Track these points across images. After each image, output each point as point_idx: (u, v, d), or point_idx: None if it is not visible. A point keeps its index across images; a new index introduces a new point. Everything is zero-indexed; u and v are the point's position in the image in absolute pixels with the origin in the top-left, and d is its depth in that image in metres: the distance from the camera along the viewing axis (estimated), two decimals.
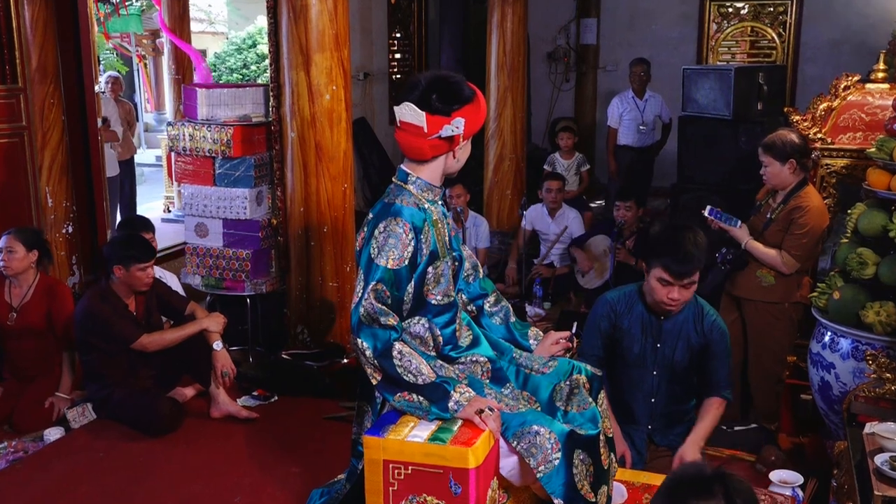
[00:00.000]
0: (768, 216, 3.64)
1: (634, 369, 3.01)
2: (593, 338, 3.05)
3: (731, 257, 3.64)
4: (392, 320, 2.31)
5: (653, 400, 3.02)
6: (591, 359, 2.97)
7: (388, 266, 2.31)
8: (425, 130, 2.32)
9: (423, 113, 2.31)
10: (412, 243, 2.34)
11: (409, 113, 2.33)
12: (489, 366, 2.52)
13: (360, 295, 2.32)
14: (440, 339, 2.47)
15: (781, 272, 3.57)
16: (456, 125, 2.32)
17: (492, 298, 2.73)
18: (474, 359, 2.52)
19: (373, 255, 2.32)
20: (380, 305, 2.30)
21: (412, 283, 2.38)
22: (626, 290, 3.06)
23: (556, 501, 2.24)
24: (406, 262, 2.33)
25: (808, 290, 3.66)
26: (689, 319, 2.97)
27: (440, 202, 2.52)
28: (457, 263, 2.58)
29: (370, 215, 2.42)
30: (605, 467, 2.44)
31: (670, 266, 2.81)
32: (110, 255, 3.76)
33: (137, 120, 9.39)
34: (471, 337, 2.57)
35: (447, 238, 2.52)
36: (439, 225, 2.46)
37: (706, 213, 3.70)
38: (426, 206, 2.42)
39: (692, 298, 2.95)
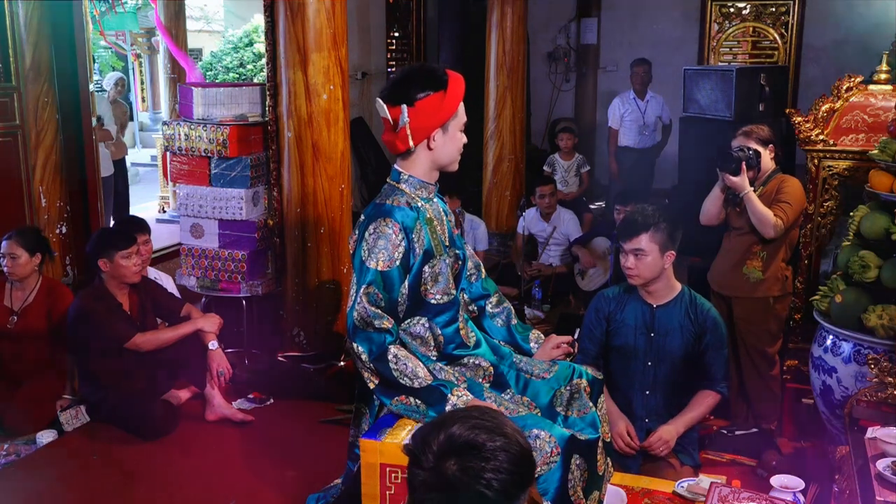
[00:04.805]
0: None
1: (629, 361, 3.06)
2: (590, 333, 3.12)
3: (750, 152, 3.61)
4: (386, 323, 2.28)
5: (647, 392, 3.05)
6: (589, 354, 3.07)
7: (379, 268, 2.29)
8: (391, 123, 2.34)
9: (385, 106, 2.34)
10: (403, 244, 2.31)
11: (379, 108, 2.37)
12: (491, 370, 2.50)
13: (353, 298, 2.31)
14: (441, 338, 2.44)
15: (766, 237, 3.63)
16: (404, 116, 2.31)
17: (494, 299, 2.71)
18: (477, 362, 2.50)
19: (364, 258, 2.31)
20: (373, 309, 2.27)
21: (405, 284, 2.35)
22: (622, 285, 3.17)
23: (544, 502, 2.22)
24: (397, 264, 2.31)
25: (791, 282, 3.74)
26: (682, 309, 3.04)
27: (436, 199, 2.49)
28: (459, 262, 2.55)
29: (362, 217, 2.40)
30: (600, 473, 2.44)
31: (619, 234, 3.04)
32: (93, 251, 3.74)
33: (131, 119, 9.36)
34: (475, 338, 2.55)
35: (446, 235, 2.49)
36: (435, 223, 2.43)
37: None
38: (420, 203, 2.39)
39: (685, 290, 3.07)
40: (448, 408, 2.25)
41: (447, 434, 1.35)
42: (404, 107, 2.31)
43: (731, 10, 8.14)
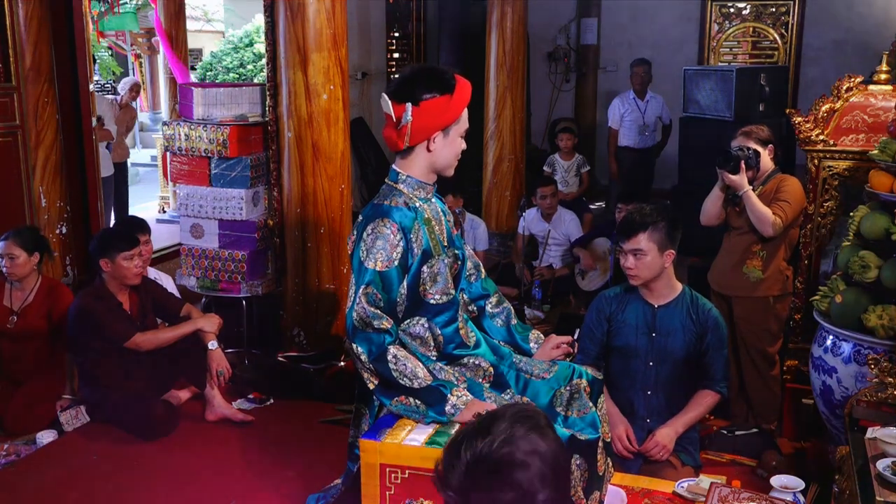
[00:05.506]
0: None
1: (630, 361, 3.06)
2: (591, 333, 3.12)
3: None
4: (385, 324, 2.28)
5: (649, 392, 3.05)
6: (590, 354, 3.07)
7: (377, 268, 2.29)
8: (393, 119, 2.34)
9: (391, 102, 2.33)
10: (401, 244, 2.31)
11: (384, 103, 2.36)
12: (491, 371, 2.50)
13: (352, 299, 2.31)
14: (441, 338, 2.45)
15: (765, 235, 3.64)
16: (407, 115, 2.31)
17: (493, 299, 2.71)
18: (477, 362, 2.50)
19: (362, 258, 2.31)
20: (372, 309, 2.27)
21: (404, 284, 2.35)
22: (623, 285, 3.16)
23: None
24: (395, 264, 2.31)
25: (792, 281, 3.75)
26: (684, 309, 3.03)
27: (434, 199, 2.49)
28: (458, 262, 2.55)
29: (360, 217, 2.40)
30: (601, 473, 2.43)
31: (617, 233, 3.04)
32: (95, 250, 3.74)
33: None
34: (475, 338, 2.55)
35: (444, 235, 2.49)
36: (433, 223, 2.43)
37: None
38: (418, 204, 2.39)
39: (686, 290, 3.07)
40: (448, 408, 2.25)
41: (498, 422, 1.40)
42: (409, 105, 2.31)
43: (731, 10, 8.14)
